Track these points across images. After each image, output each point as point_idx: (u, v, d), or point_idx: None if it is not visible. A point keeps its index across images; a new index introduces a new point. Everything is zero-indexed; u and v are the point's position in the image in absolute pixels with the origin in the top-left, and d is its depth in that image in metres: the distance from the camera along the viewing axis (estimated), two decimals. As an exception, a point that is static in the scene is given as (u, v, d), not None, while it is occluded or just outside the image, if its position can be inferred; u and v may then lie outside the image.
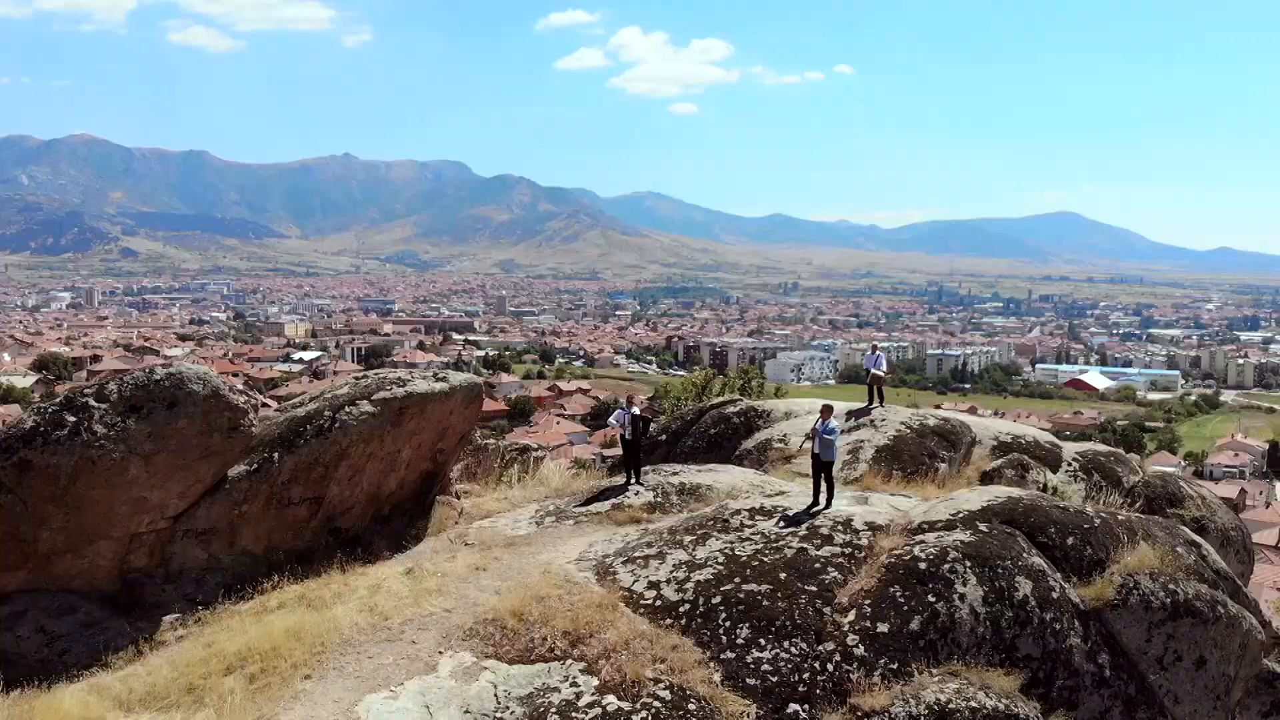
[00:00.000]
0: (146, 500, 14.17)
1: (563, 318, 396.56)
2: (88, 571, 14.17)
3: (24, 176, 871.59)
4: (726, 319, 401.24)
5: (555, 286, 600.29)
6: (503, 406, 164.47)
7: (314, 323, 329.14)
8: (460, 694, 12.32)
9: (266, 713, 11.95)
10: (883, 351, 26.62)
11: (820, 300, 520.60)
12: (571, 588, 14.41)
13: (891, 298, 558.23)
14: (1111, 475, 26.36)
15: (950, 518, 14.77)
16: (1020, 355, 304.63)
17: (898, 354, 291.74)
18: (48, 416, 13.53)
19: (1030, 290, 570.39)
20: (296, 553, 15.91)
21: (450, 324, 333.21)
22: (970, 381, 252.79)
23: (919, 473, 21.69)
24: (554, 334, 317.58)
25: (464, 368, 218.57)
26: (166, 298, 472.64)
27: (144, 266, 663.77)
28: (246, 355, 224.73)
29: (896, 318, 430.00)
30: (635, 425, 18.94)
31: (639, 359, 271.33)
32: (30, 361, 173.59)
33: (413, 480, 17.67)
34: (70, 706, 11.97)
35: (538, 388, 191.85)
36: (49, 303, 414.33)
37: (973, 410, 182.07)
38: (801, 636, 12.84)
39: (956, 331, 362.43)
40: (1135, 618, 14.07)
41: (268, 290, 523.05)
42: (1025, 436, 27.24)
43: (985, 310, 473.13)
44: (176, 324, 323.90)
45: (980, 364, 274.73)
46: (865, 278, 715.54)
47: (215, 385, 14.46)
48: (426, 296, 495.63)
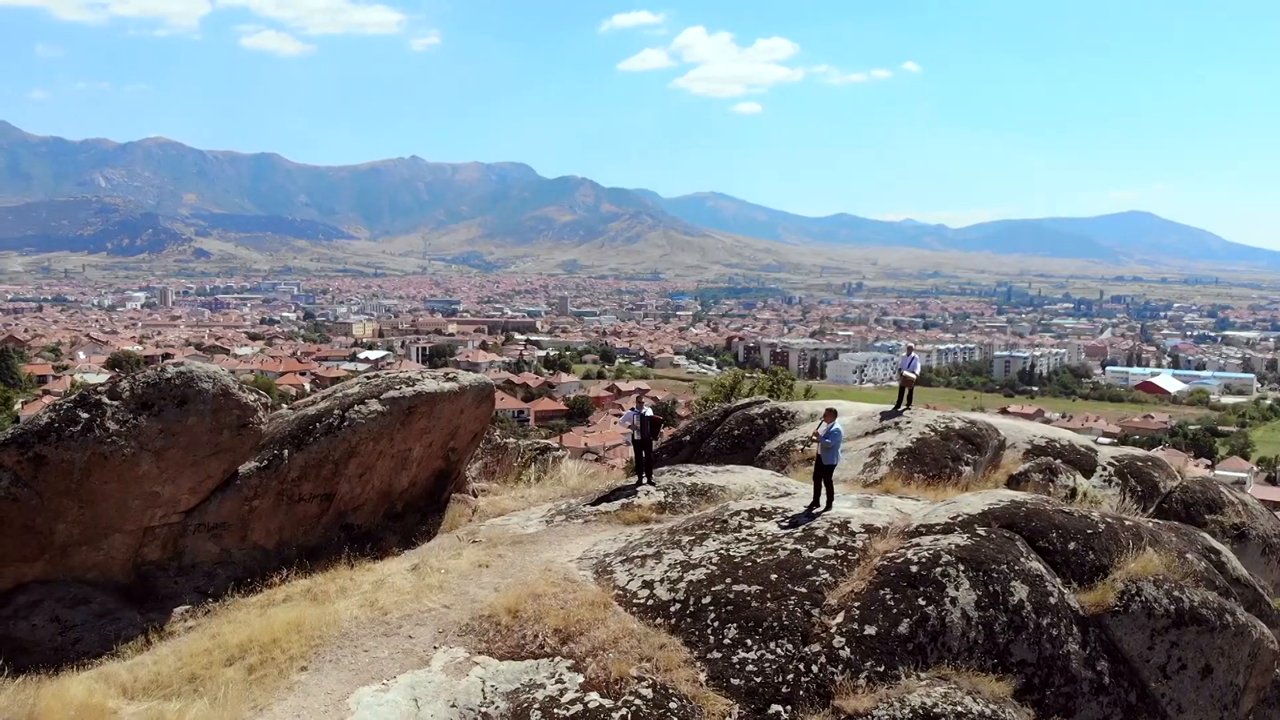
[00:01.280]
0: (158, 495, 14.64)
1: (624, 318, 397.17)
2: (103, 563, 14.67)
3: (101, 179, 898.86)
4: (789, 320, 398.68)
5: (617, 287, 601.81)
6: (561, 406, 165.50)
7: (381, 323, 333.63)
8: (449, 688, 12.55)
9: (261, 703, 12.29)
10: (918, 355, 26.38)
11: (885, 301, 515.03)
12: (568, 586, 14.58)
13: (959, 298, 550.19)
14: (1148, 480, 25.88)
15: (948, 521, 14.64)
16: (1090, 357, 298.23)
17: (964, 355, 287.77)
18: (62, 413, 14.05)
19: (1102, 291, 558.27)
20: (308, 548, 16.33)
21: (513, 324, 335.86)
22: (1038, 384, 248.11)
23: (941, 476, 21.46)
24: (614, 334, 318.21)
25: (525, 368, 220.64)
26: (238, 298, 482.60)
27: (216, 267, 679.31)
28: (314, 354, 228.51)
29: (964, 318, 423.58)
30: (645, 425, 19.05)
31: (699, 360, 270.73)
32: (104, 360, 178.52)
33: (425, 478, 17.97)
34: (76, 693, 12.41)
35: (596, 388, 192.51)
36: (124, 302, 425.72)
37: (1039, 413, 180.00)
38: (788, 638, 12.85)
39: (1025, 333, 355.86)
40: (1137, 624, 13.82)
41: (337, 290, 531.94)
42: (1060, 440, 26.84)
43: (1055, 311, 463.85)
44: (247, 324, 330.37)
45: (1049, 366, 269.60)
46: (932, 278, 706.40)
47: (225, 384, 14.89)
48: (490, 297, 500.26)
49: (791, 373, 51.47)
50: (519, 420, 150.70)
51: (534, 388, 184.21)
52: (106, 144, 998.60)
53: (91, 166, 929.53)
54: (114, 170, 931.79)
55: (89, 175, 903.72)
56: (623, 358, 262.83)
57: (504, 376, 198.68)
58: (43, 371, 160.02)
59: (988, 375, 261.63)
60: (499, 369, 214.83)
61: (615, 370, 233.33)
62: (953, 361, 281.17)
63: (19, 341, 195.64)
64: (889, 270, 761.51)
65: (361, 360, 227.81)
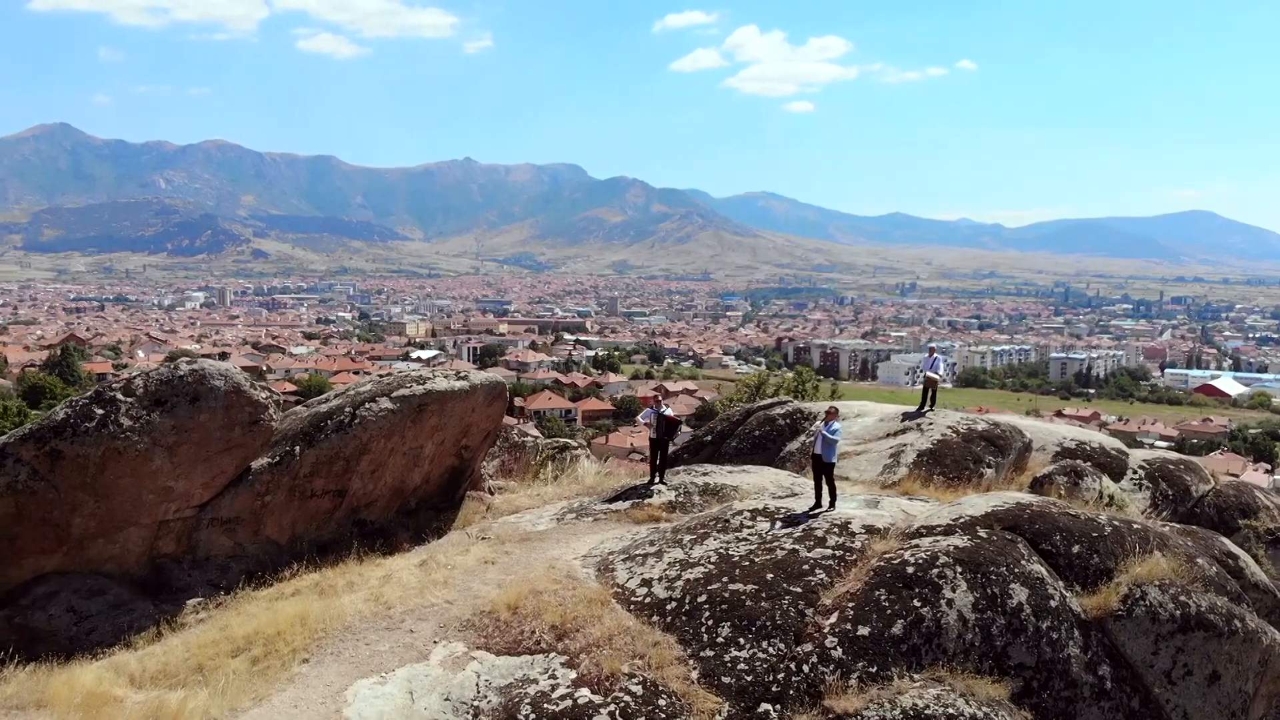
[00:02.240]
0: (172, 489, 15.01)
1: (673, 318, 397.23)
2: (119, 556, 15.08)
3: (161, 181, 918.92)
4: (840, 320, 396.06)
5: (667, 287, 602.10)
6: (609, 406, 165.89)
7: (434, 323, 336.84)
8: (445, 682, 12.74)
9: (261, 693, 12.58)
10: (940, 356, 26.19)
11: (939, 301, 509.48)
12: (569, 583, 14.71)
13: (1015, 299, 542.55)
14: (1179, 484, 25.49)
15: (950, 523, 14.54)
16: (1149, 359, 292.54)
17: (1019, 357, 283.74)
18: (78, 409, 14.46)
19: (1162, 292, 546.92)
20: (321, 543, 16.65)
21: (563, 324, 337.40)
22: (1095, 386, 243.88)
23: (962, 478, 21.29)
24: (663, 335, 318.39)
25: (574, 368, 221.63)
26: (295, 297, 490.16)
27: (274, 267, 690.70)
28: (368, 354, 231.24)
29: (1020, 319, 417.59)
30: (661, 425, 19.12)
31: (748, 360, 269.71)
32: (162, 358, 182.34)
33: (438, 475, 18.22)
34: (85, 681, 12.79)
35: (644, 388, 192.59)
36: (184, 302, 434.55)
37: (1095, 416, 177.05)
38: (780, 637, 12.86)
39: (1083, 334, 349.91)
40: (1141, 629, 13.62)
41: (391, 291, 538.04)
42: (1090, 443, 26.51)
43: (1114, 312, 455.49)
44: (304, 323, 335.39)
45: (1106, 368, 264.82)
46: (988, 278, 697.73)
47: (236, 381, 15.23)
48: (541, 297, 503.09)
49: (811, 372, 51.02)
50: (566, 419, 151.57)
51: (582, 388, 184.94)
52: (167, 146, 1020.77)
53: (152, 168, 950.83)
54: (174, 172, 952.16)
55: (150, 177, 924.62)
56: (671, 358, 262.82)
57: (552, 376, 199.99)
58: (103, 369, 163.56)
59: (1043, 377, 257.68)
60: (548, 369, 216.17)
61: (663, 371, 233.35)
62: (1008, 363, 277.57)
63: (80, 340, 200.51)
64: (944, 270, 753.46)
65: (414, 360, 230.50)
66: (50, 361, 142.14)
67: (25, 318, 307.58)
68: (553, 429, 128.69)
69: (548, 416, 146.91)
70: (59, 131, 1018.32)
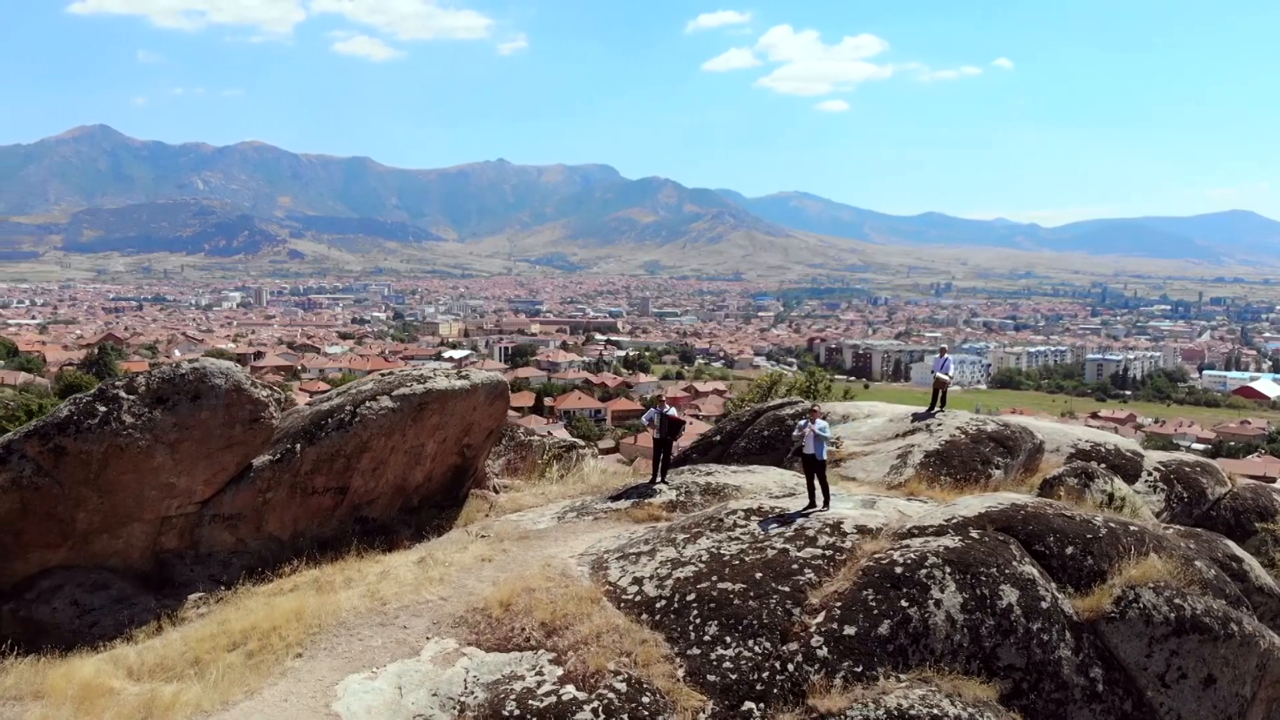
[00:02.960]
0: (174, 486, 15.27)
1: (704, 319, 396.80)
2: (123, 551, 15.36)
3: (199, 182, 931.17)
4: (873, 321, 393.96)
5: (698, 287, 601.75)
6: (638, 406, 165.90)
7: (466, 323, 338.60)
8: (434, 677, 12.87)
9: (253, 686, 12.77)
10: (950, 357, 26.07)
11: (975, 302, 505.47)
12: (563, 581, 14.80)
13: (1051, 299, 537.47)
14: (1195, 486, 25.22)
15: (942, 523, 14.50)
16: (1187, 361, 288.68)
17: (1055, 358, 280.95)
18: (81, 406, 14.75)
19: (1200, 293, 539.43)
20: (323, 539, 16.85)
21: (594, 324, 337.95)
22: (1131, 388, 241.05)
23: (969, 479, 21.19)
24: (694, 335, 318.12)
25: (604, 368, 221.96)
26: (330, 297, 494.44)
27: (310, 268, 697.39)
28: (401, 353, 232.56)
29: (1056, 320, 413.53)
30: (664, 425, 19.18)
31: (780, 361, 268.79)
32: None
33: (441, 473, 18.38)
34: (84, 673, 13.04)
35: (674, 388, 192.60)
36: (221, 301, 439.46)
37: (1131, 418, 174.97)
38: (766, 636, 12.89)
39: (1120, 336, 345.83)
40: (1134, 631, 13.51)
41: (425, 291, 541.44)
42: (1106, 444, 26.30)
43: (1151, 313, 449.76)
44: (339, 323, 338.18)
45: (1143, 370, 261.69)
46: (1024, 278, 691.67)
47: (237, 380, 15.47)
48: (573, 297, 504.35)
49: (823, 372, 50.80)
50: (596, 419, 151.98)
51: (612, 388, 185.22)
52: (204, 148, 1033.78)
53: (190, 170, 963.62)
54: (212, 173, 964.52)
55: (188, 178, 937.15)
56: (702, 358, 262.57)
57: (582, 376, 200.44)
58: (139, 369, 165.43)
59: (1079, 379, 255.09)
60: (578, 369, 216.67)
61: (694, 371, 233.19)
62: (1043, 364, 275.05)
63: (118, 339, 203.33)
64: (979, 270, 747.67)
65: (446, 359, 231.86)
66: (88, 361, 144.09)
67: (65, 317, 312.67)
68: (582, 429, 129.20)
69: (577, 416, 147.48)
70: (98, 133, 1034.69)
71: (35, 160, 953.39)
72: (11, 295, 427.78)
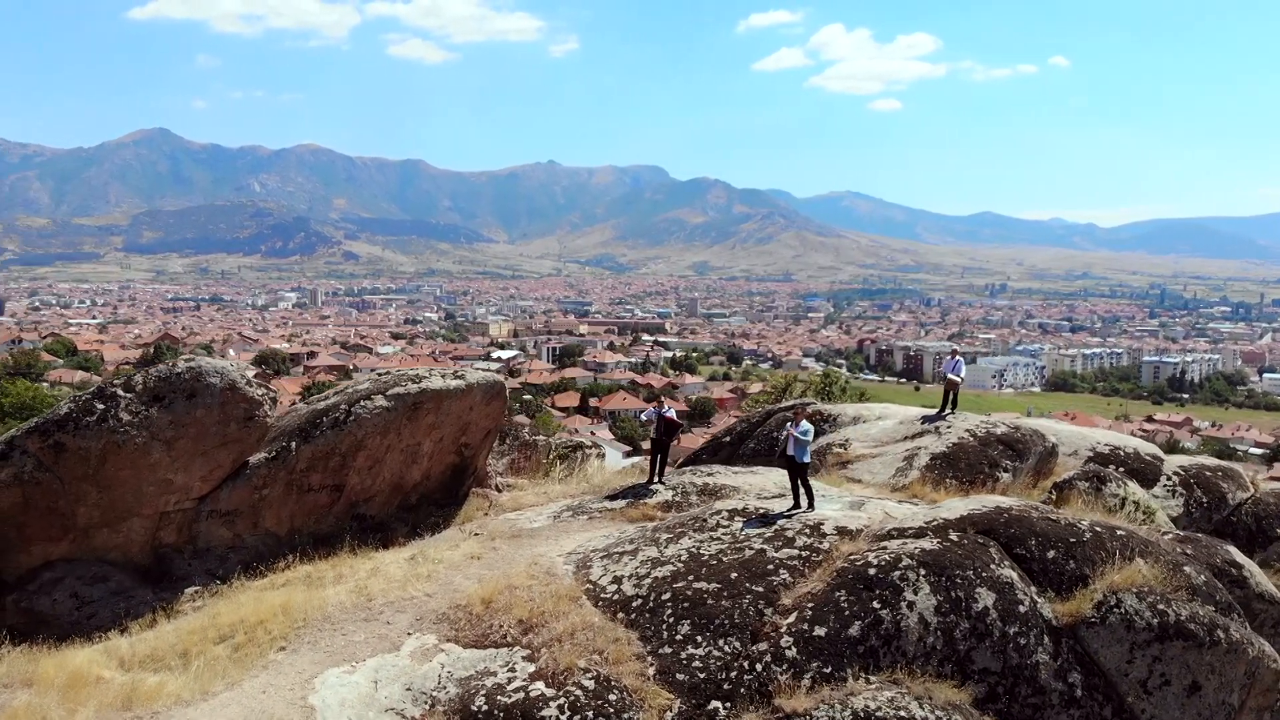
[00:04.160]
0: (171, 482, 15.67)
1: (753, 319, 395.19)
2: (123, 545, 15.79)
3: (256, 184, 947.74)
4: (926, 322, 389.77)
5: (747, 288, 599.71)
6: (683, 407, 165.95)
7: (516, 323, 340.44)
8: (410, 672, 13.09)
9: (234, 678, 13.08)
10: (961, 358, 25.78)
11: (1030, 303, 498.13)
12: (546, 579, 14.95)
13: (1108, 301, 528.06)
14: (1215, 491, 24.74)
15: (922, 526, 14.42)
16: (1247, 364, 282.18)
17: (1111, 360, 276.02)
18: (80, 404, 15.20)
19: (1262, 294, 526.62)
20: (320, 536, 17.16)
21: (642, 325, 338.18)
22: (1189, 391, 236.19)
23: (976, 482, 20.98)
24: (743, 336, 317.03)
25: (651, 368, 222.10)
26: (384, 298, 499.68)
27: (364, 269, 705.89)
28: (451, 353, 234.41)
29: (1113, 322, 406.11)
30: (661, 425, 19.28)
31: (828, 362, 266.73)
32: (252, 356, 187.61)
33: (439, 472, 18.63)
34: (76, 663, 13.45)
35: (720, 389, 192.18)
36: (277, 302, 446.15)
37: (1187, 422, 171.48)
38: (737, 635, 12.93)
39: (1178, 338, 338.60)
40: (1115, 637, 13.34)
41: (476, 292, 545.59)
42: (1125, 448, 25.91)
43: (1211, 315, 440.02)
44: (392, 323, 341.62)
45: (1201, 372, 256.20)
46: (1080, 279, 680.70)
47: (232, 379, 15.83)
48: (622, 298, 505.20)
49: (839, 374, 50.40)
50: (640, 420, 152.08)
51: (657, 388, 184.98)
52: (261, 150, 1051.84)
53: (247, 172, 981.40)
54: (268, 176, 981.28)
55: (245, 180, 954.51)
56: (750, 360, 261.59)
57: (628, 377, 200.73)
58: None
59: (1135, 381, 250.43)
60: (625, 369, 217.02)
61: (741, 372, 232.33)
62: (1098, 367, 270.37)
63: (174, 339, 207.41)
64: (1035, 271, 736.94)
65: (494, 359, 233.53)
66: (144, 360, 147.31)
67: (124, 317, 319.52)
68: (626, 429, 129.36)
69: (622, 417, 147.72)
70: (158, 136, 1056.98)
71: (97, 163, 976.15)
72: (73, 295, 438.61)
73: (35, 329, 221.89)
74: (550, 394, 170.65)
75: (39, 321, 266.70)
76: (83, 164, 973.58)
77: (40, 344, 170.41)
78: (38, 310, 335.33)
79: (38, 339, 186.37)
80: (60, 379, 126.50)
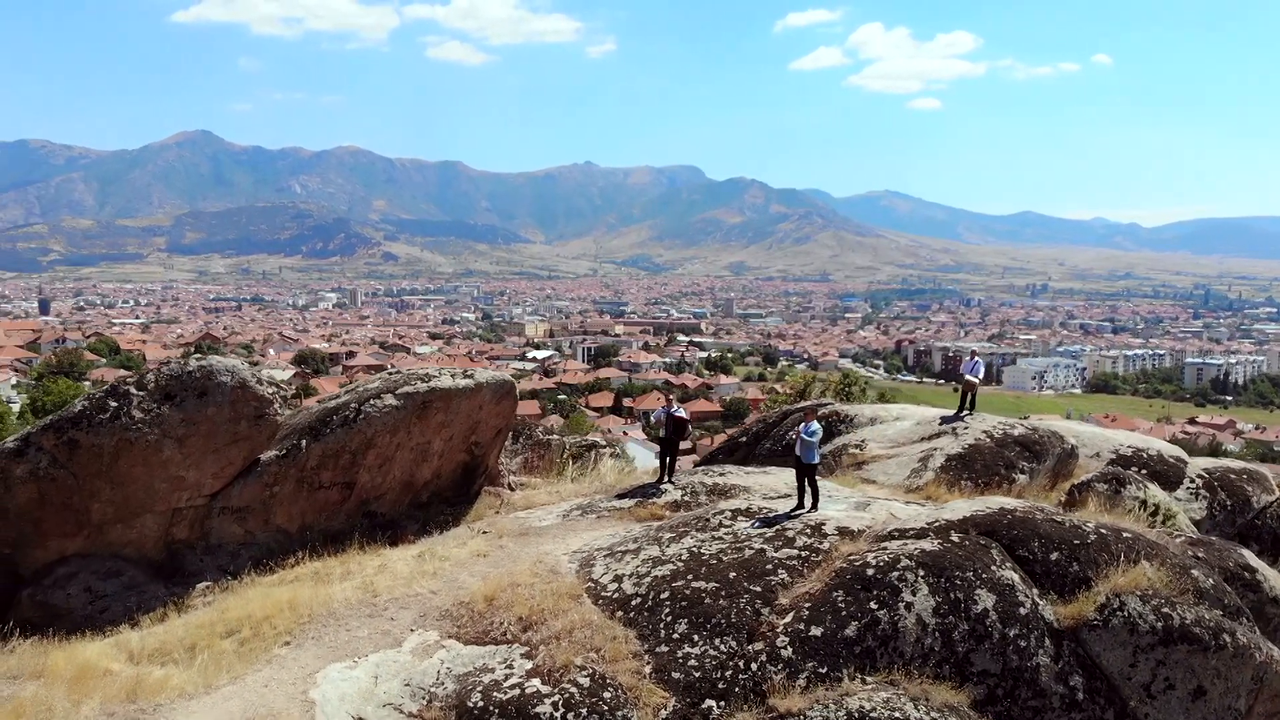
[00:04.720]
0: (184, 479, 15.93)
1: (790, 320, 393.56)
2: (136, 541, 16.08)
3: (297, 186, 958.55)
4: (965, 323, 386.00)
5: (784, 288, 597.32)
6: (717, 407, 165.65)
7: (552, 323, 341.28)
8: (410, 668, 13.24)
9: (238, 672, 13.30)
10: (980, 359, 25.60)
11: (1072, 304, 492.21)
12: (549, 577, 15.05)
13: (1151, 301, 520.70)
14: (1239, 494, 24.42)
15: (924, 526, 14.36)
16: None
17: (1153, 362, 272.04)
18: (94, 402, 15.51)
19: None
20: (331, 533, 17.38)
21: (678, 325, 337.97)
22: (1232, 393, 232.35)
23: (991, 484, 20.85)
24: (779, 336, 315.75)
25: (685, 369, 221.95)
26: (422, 299, 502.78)
27: (403, 270, 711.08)
28: (487, 353, 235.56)
29: (1156, 323, 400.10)
30: (670, 425, 19.32)
31: (865, 363, 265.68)
32: (292, 356, 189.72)
33: (450, 470, 18.78)
34: (86, 656, 13.74)
35: (755, 390, 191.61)
36: (317, 302, 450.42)
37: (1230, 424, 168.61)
38: (733, 635, 12.95)
39: (1223, 339, 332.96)
40: (1118, 640, 13.21)
41: (513, 292, 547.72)
42: (1148, 450, 25.64)
43: (1257, 316, 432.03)
44: (430, 324, 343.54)
45: (1245, 374, 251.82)
46: (1123, 279, 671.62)
47: (243, 377, 16.07)
48: (658, 298, 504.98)
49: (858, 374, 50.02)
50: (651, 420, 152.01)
51: (691, 389, 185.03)
52: (302, 152, 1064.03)
53: (288, 174, 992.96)
54: (309, 177, 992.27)
55: (286, 182, 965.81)
56: (785, 360, 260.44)
57: (663, 377, 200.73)
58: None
59: (1177, 383, 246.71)
60: (659, 369, 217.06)
61: (777, 373, 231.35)
62: (1140, 368, 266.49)
63: (215, 339, 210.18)
64: (1077, 271, 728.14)
65: (530, 359, 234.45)
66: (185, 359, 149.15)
67: (167, 317, 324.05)
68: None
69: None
70: (200, 138, 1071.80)
71: (140, 165, 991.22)
72: (117, 295, 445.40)
73: (79, 328, 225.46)
74: (585, 394, 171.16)
75: (83, 321, 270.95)
76: (127, 166, 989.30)
77: (84, 343, 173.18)
78: (82, 310, 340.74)
79: (81, 338, 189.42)
80: (102, 378, 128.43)
